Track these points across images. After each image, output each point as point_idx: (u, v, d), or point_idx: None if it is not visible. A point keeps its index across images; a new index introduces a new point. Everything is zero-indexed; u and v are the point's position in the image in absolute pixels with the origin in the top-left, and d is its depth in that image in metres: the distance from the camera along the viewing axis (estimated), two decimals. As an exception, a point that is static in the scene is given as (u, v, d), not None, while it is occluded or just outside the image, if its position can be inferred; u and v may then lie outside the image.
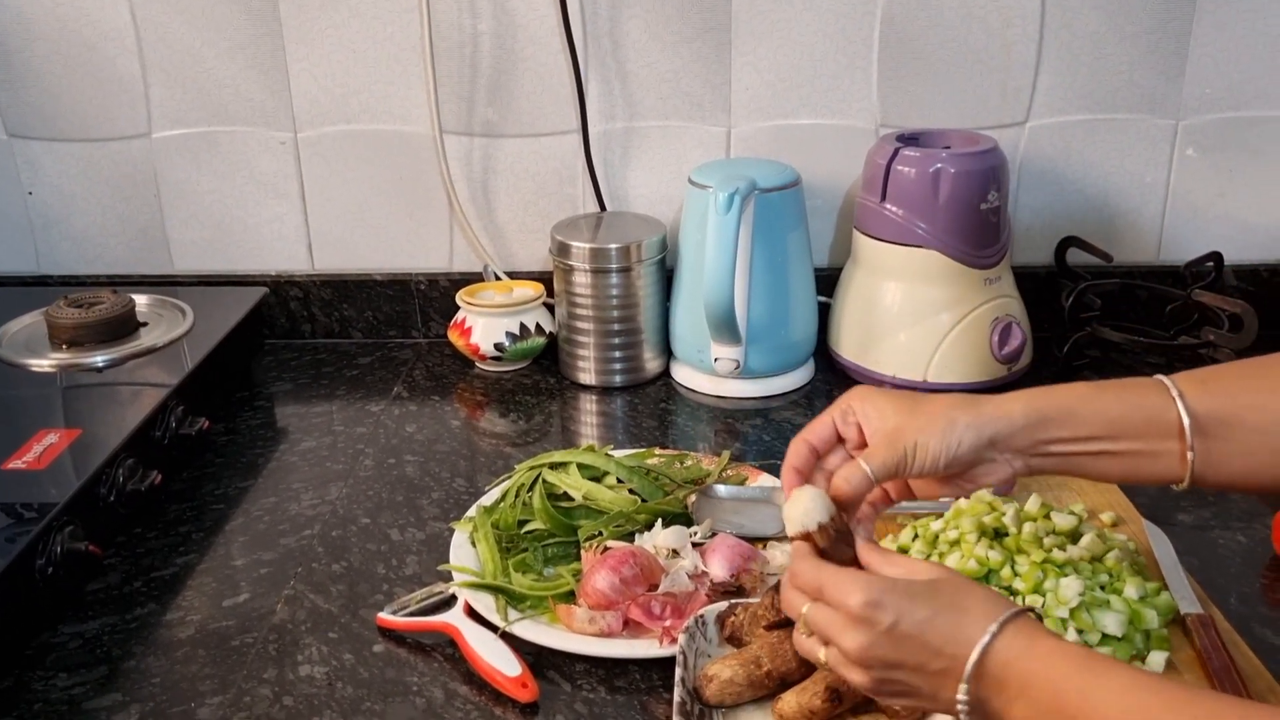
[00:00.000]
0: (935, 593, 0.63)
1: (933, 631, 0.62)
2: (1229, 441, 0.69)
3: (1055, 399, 0.71)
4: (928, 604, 0.62)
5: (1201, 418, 0.69)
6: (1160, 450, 0.70)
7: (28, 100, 1.33)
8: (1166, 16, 1.24)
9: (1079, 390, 0.72)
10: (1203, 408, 0.69)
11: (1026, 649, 0.60)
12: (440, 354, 1.36)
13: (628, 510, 0.94)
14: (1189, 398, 0.69)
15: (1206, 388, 0.70)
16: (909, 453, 0.69)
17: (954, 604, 0.62)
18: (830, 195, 1.33)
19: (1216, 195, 1.32)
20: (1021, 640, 0.60)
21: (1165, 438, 0.69)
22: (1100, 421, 0.70)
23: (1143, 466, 0.70)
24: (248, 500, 1.04)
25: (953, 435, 0.69)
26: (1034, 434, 0.70)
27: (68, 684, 0.81)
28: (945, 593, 0.63)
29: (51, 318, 1.18)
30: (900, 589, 0.63)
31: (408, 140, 1.33)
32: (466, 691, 0.80)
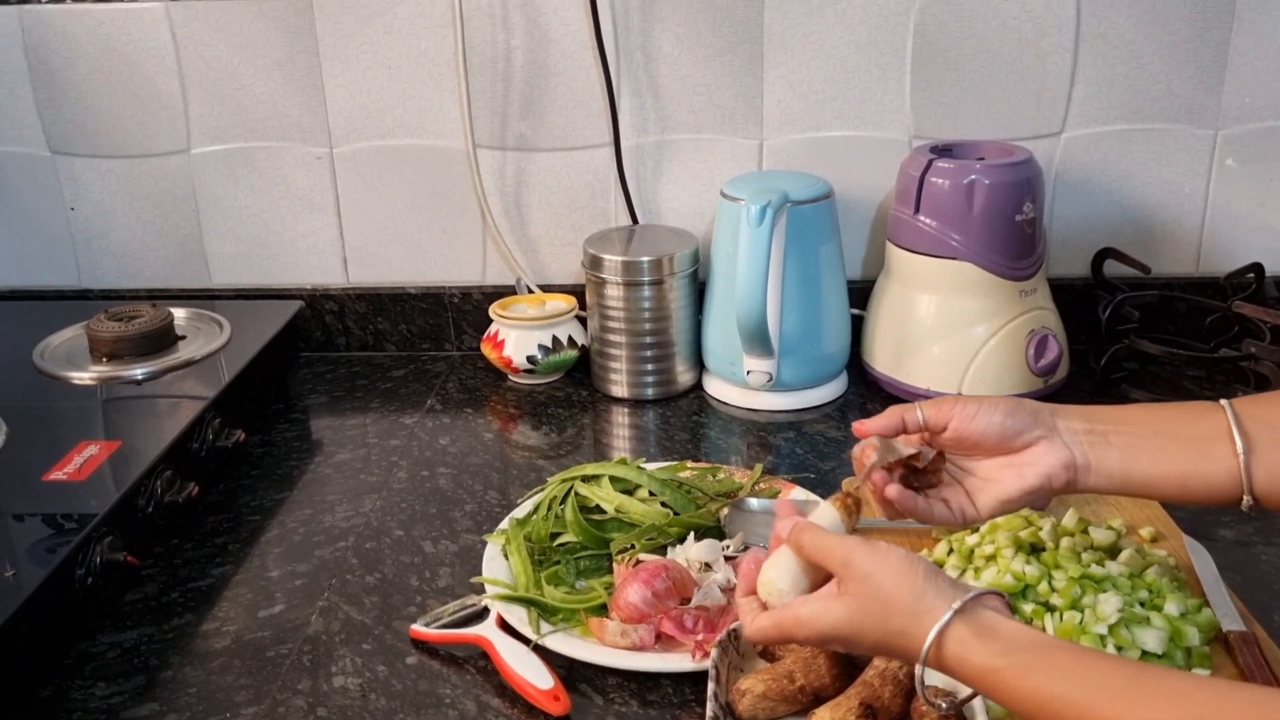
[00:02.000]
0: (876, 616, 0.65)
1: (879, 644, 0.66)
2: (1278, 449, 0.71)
3: (1106, 406, 0.77)
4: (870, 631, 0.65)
5: (1249, 421, 0.72)
6: (1212, 453, 0.72)
7: (70, 118, 1.35)
8: (1205, 25, 1.23)
9: (1130, 405, 0.77)
10: (1252, 415, 0.72)
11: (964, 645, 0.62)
12: (473, 367, 1.37)
13: (660, 523, 0.93)
14: (1238, 407, 0.72)
15: (1256, 400, 0.73)
16: (966, 402, 0.75)
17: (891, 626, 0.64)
18: (863, 207, 1.33)
19: (1257, 205, 1.30)
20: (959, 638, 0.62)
21: (1214, 439, 0.72)
22: (1150, 421, 0.74)
23: (1200, 467, 0.72)
24: (283, 512, 1.05)
25: (1009, 400, 0.75)
26: (1091, 421, 0.75)
27: (106, 693, 0.82)
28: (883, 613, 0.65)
29: (92, 331, 1.19)
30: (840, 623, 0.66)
31: (441, 155, 1.34)
32: (499, 704, 0.80)
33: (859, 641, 0.66)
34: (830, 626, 0.66)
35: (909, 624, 0.63)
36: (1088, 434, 0.74)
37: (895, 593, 0.64)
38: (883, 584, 0.65)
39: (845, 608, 0.66)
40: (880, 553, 0.66)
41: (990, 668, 0.60)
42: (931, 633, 0.62)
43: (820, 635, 0.67)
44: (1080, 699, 0.56)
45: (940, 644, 0.62)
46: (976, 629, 0.62)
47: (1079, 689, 0.57)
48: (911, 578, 0.64)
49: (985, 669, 0.61)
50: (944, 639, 0.62)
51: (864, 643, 0.66)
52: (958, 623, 0.62)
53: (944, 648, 0.62)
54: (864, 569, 0.66)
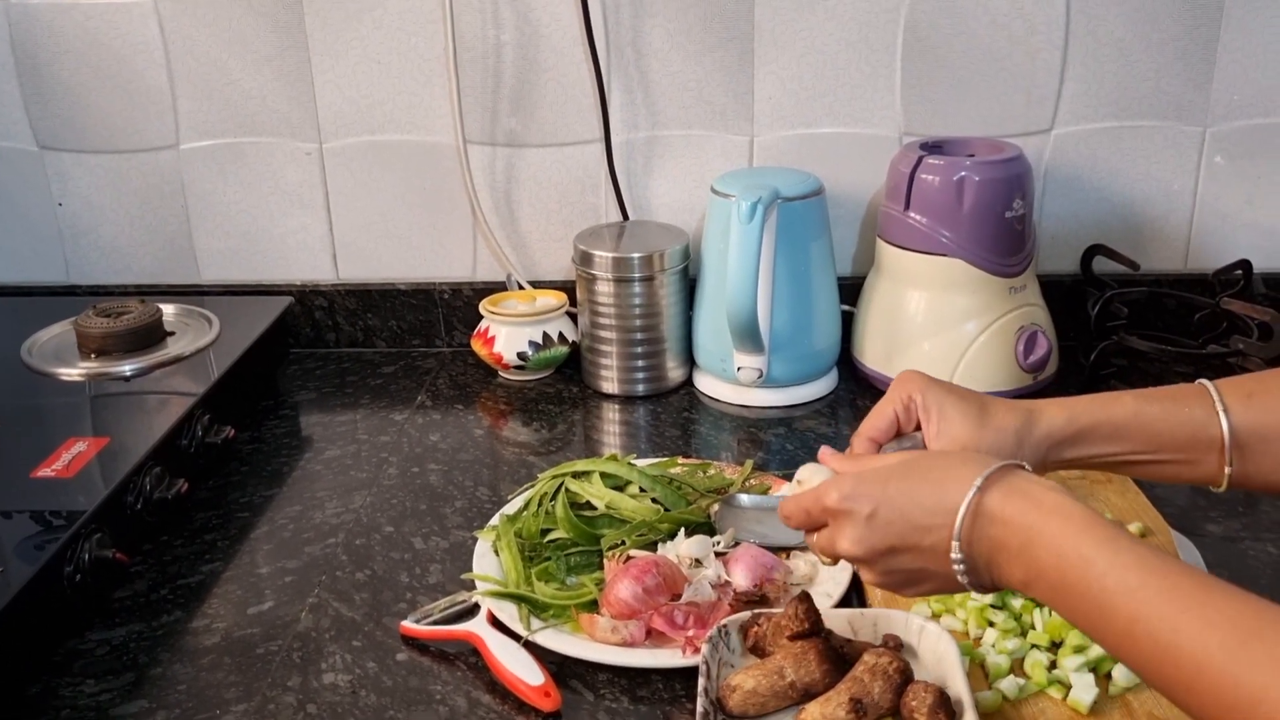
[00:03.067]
0: (908, 470, 0.63)
1: (914, 506, 0.62)
2: (1266, 456, 0.69)
3: (1106, 414, 0.72)
4: (901, 480, 0.63)
5: (1243, 434, 0.70)
6: (1200, 461, 0.71)
7: (57, 113, 1.34)
8: (1193, 23, 1.23)
9: (1129, 405, 0.72)
10: (1245, 423, 0.70)
11: (1023, 502, 0.59)
12: (463, 363, 1.36)
13: (650, 519, 0.93)
14: (1233, 413, 0.70)
15: (1252, 401, 0.70)
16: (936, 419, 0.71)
17: (929, 475, 0.62)
18: (853, 204, 1.33)
19: (1245, 202, 1.31)
20: (1016, 495, 0.59)
21: (1207, 451, 0.70)
22: (1145, 437, 0.71)
23: (1182, 474, 0.72)
24: (273, 508, 1.05)
25: (1023, 451, 0.70)
26: (1084, 449, 0.72)
27: (95, 690, 0.82)
28: (919, 467, 0.63)
29: (80, 327, 1.19)
30: (869, 476, 0.64)
31: (431, 150, 1.34)
32: (489, 700, 0.80)
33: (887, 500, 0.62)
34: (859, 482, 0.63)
35: (962, 468, 0.61)
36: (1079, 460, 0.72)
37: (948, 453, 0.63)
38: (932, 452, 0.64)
39: (879, 468, 0.64)
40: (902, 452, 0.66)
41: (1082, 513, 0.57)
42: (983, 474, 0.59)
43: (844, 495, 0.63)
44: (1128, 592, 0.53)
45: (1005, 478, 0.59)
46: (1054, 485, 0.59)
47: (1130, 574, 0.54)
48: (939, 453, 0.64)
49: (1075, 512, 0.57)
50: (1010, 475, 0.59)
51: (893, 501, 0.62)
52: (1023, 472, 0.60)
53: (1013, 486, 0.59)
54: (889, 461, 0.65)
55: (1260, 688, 0.48)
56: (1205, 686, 0.50)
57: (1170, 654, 0.52)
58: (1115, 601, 0.54)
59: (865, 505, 0.63)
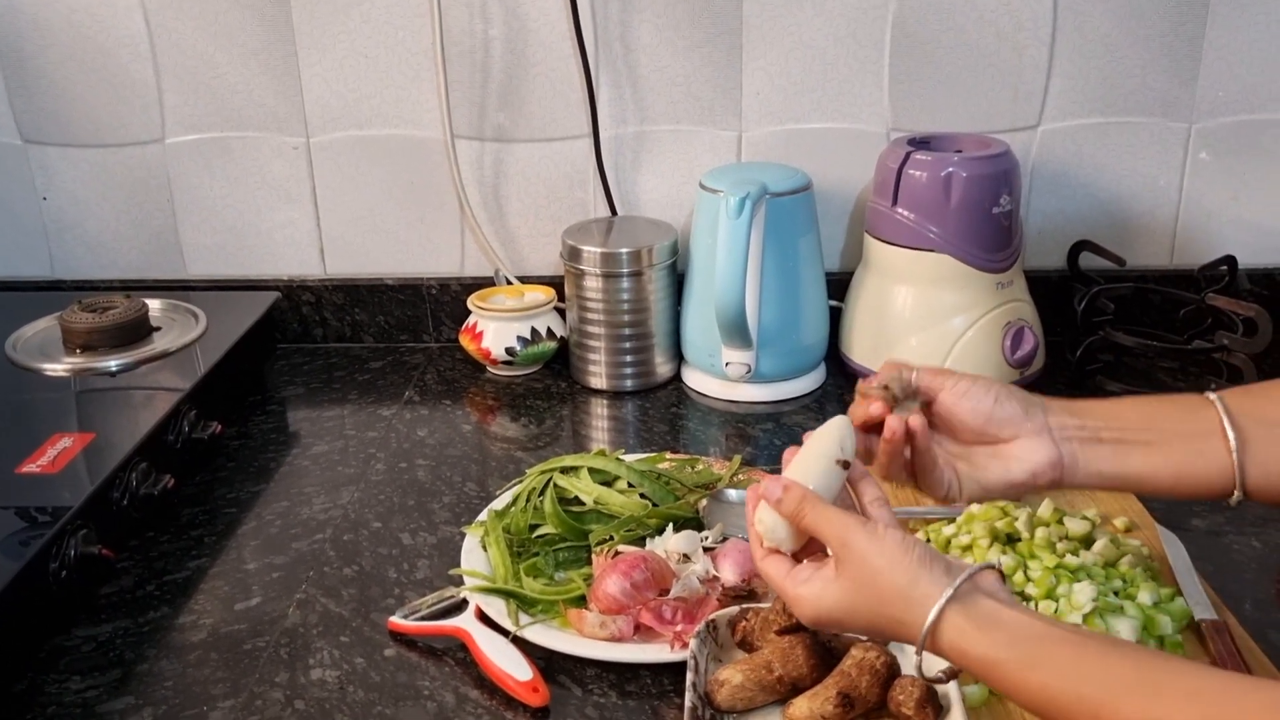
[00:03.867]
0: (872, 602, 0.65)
1: (876, 630, 0.66)
2: (1273, 444, 0.69)
3: (1095, 400, 0.75)
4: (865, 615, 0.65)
5: (1240, 417, 0.70)
6: (1204, 449, 0.70)
7: (42, 106, 1.33)
8: (1179, 19, 1.24)
9: (1118, 398, 0.75)
10: (1242, 408, 0.70)
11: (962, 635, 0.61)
12: (451, 358, 1.36)
13: (639, 515, 0.93)
14: (1228, 400, 0.71)
15: (1247, 394, 0.72)
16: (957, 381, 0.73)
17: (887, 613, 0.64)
18: (841, 199, 1.33)
19: (1230, 199, 1.31)
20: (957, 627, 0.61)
21: (1207, 436, 0.70)
22: (1140, 416, 0.72)
23: (1193, 464, 0.70)
24: (260, 504, 1.05)
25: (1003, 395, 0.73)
26: (1081, 417, 0.73)
27: (81, 687, 0.81)
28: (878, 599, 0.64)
29: (65, 322, 1.18)
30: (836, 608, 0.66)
31: (419, 145, 1.33)
32: (477, 696, 0.80)
33: (853, 625, 0.66)
34: (827, 610, 0.66)
35: (904, 611, 0.62)
36: (1079, 430, 0.72)
37: (890, 577, 0.63)
38: (879, 568, 0.64)
39: (840, 591, 0.65)
40: (877, 536, 0.65)
41: (991, 660, 0.59)
42: (927, 621, 0.61)
43: (816, 617, 0.66)
44: (1090, 695, 0.55)
45: (936, 633, 0.61)
46: (974, 618, 0.60)
47: (1087, 685, 0.55)
48: (905, 562, 0.63)
49: (986, 660, 0.60)
50: (940, 628, 0.61)
51: (858, 626, 0.66)
52: (953, 611, 0.61)
53: (941, 637, 0.61)
54: (860, 550, 0.65)
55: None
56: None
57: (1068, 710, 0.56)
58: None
59: (834, 627, 0.68)
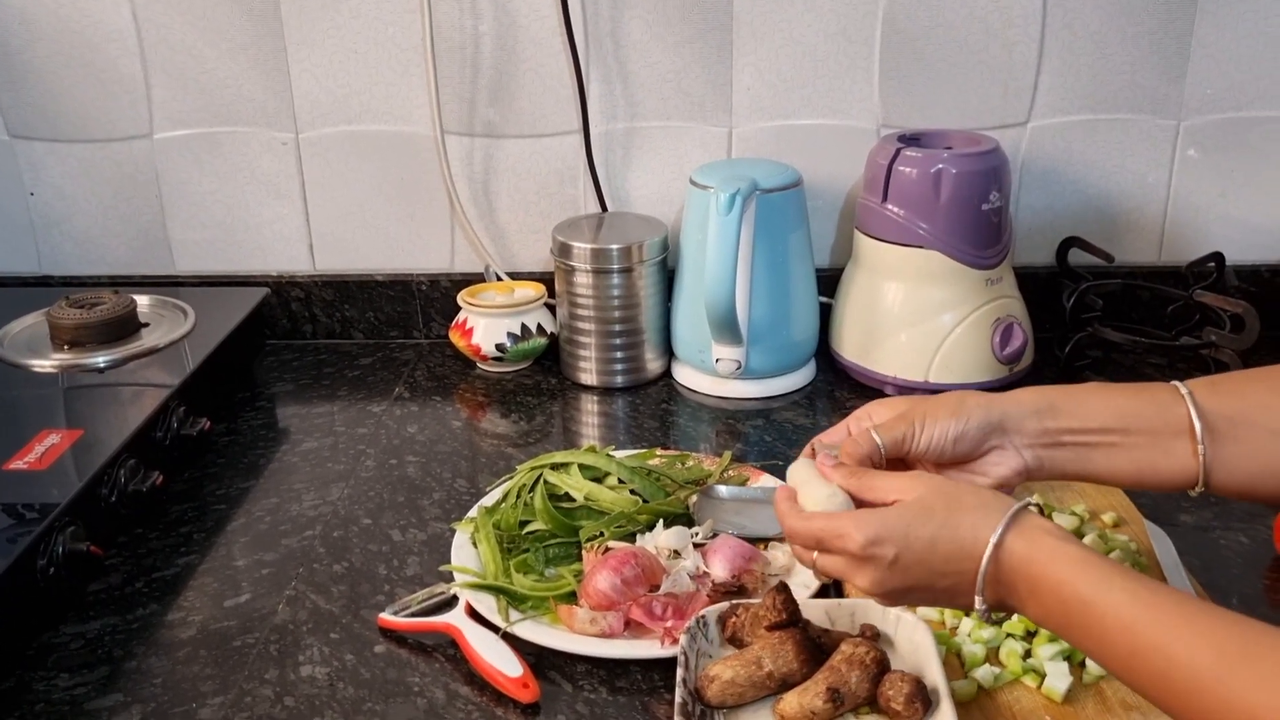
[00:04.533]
0: (929, 515, 0.64)
1: (935, 555, 0.64)
2: (1239, 442, 0.69)
3: (1066, 390, 0.74)
4: (924, 527, 0.64)
5: (1210, 415, 0.69)
6: (1171, 448, 0.70)
7: (29, 101, 1.33)
8: (1168, 17, 1.24)
9: (1090, 385, 0.74)
10: (1212, 405, 0.70)
11: (1027, 554, 0.61)
12: (441, 354, 1.36)
13: (629, 511, 0.94)
14: (1198, 396, 0.70)
15: (1216, 388, 0.71)
16: (917, 425, 0.72)
17: (949, 521, 0.64)
18: (832, 196, 1.33)
19: (1218, 195, 1.32)
20: (1022, 544, 0.62)
21: (1176, 435, 0.70)
22: (1111, 413, 0.71)
23: (1156, 463, 0.70)
24: (249, 501, 1.05)
25: (962, 411, 0.71)
26: (1044, 421, 0.72)
27: (69, 684, 0.81)
28: (939, 512, 0.64)
29: (53, 318, 1.18)
30: (893, 520, 0.65)
31: (409, 141, 1.33)
32: (468, 692, 0.80)
33: (914, 546, 0.63)
34: (889, 524, 0.64)
35: (977, 515, 0.63)
36: (1042, 436, 0.72)
37: (963, 487, 0.64)
38: (944, 486, 0.65)
39: (906, 509, 0.65)
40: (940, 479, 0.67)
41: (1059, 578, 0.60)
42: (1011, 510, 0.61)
43: (875, 533, 0.64)
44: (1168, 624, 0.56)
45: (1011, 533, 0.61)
46: (1051, 530, 0.61)
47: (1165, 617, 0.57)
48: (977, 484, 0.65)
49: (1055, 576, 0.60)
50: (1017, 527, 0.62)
51: (918, 547, 0.63)
52: (1028, 519, 0.61)
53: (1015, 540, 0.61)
54: (928, 481, 0.66)
55: (1250, 706, 0.52)
56: (1201, 708, 0.54)
57: (1166, 681, 0.56)
58: (1113, 637, 0.58)
59: (889, 550, 0.64)
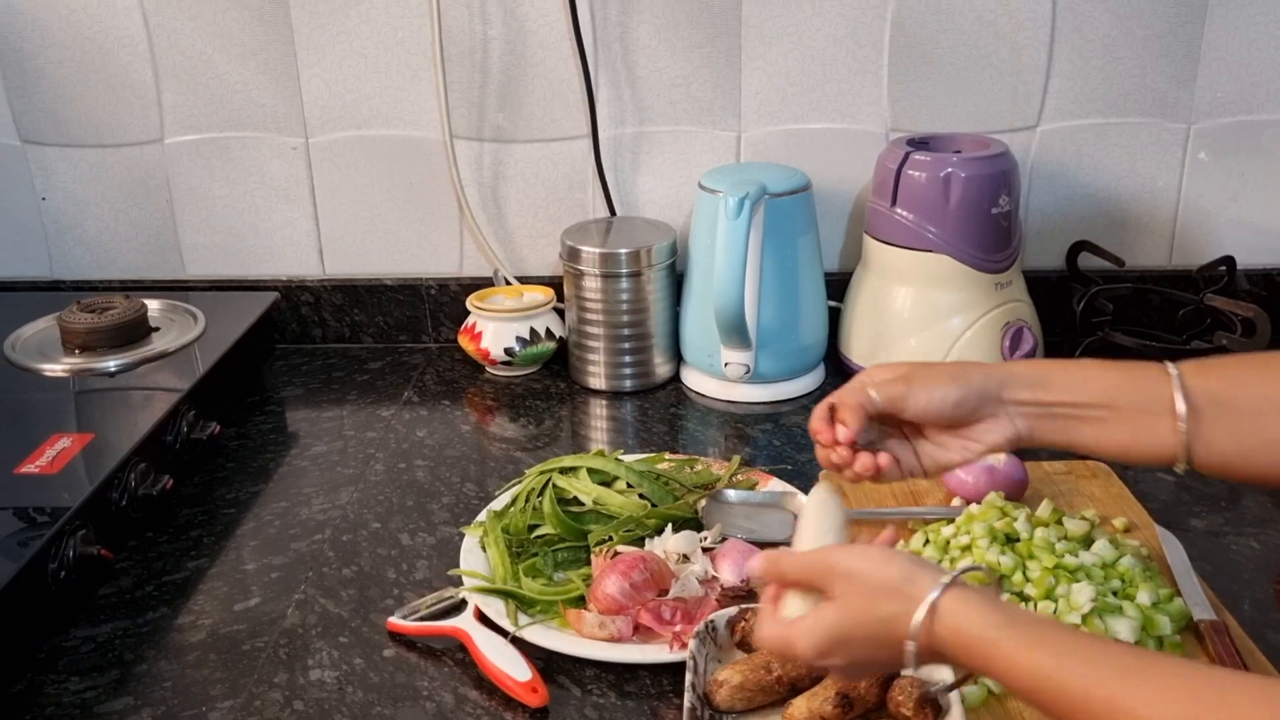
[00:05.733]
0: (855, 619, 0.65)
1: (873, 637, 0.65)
2: (1220, 423, 0.71)
3: (1060, 364, 0.76)
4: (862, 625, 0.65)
5: (1195, 395, 0.71)
6: (1155, 425, 0.71)
7: (41, 106, 1.33)
8: (1178, 20, 1.24)
9: (1084, 361, 0.76)
10: (1198, 386, 0.71)
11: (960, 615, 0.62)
12: (450, 359, 1.36)
13: (638, 515, 0.93)
14: (1186, 376, 0.72)
15: (1205, 371, 0.72)
16: (918, 386, 0.75)
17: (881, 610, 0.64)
18: (841, 200, 1.33)
19: (1229, 199, 1.31)
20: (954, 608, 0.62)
21: (1160, 413, 0.71)
22: (1100, 389, 0.73)
23: (1139, 439, 0.72)
24: (259, 505, 1.05)
25: (962, 377, 0.74)
26: (1037, 392, 0.74)
27: (79, 687, 0.81)
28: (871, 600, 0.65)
29: (64, 322, 1.18)
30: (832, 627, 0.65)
31: (418, 146, 1.33)
32: (477, 696, 0.80)
33: (851, 638, 0.65)
34: (825, 632, 0.65)
35: (899, 605, 0.63)
36: (1035, 408, 0.75)
37: (882, 578, 0.64)
38: (869, 573, 0.65)
39: (834, 610, 0.65)
40: (859, 550, 0.66)
41: (989, 639, 0.60)
42: (925, 602, 0.61)
43: (817, 646, 0.66)
44: (1082, 676, 0.56)
45: (934, 616, 0.62)
46: (972, 601, 0.61)
47: (1081, 666, 0.56)
48: (897, 561, 0.64)
49: (984, 639, 0.60)
50: (938, 611, 0.61)
51: (856, 638, 0.65)
52: (952, 594, 0.62)
53: (938, 620, 0.62)
54: (847, 566, 0.66)
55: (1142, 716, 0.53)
56: None
57: None
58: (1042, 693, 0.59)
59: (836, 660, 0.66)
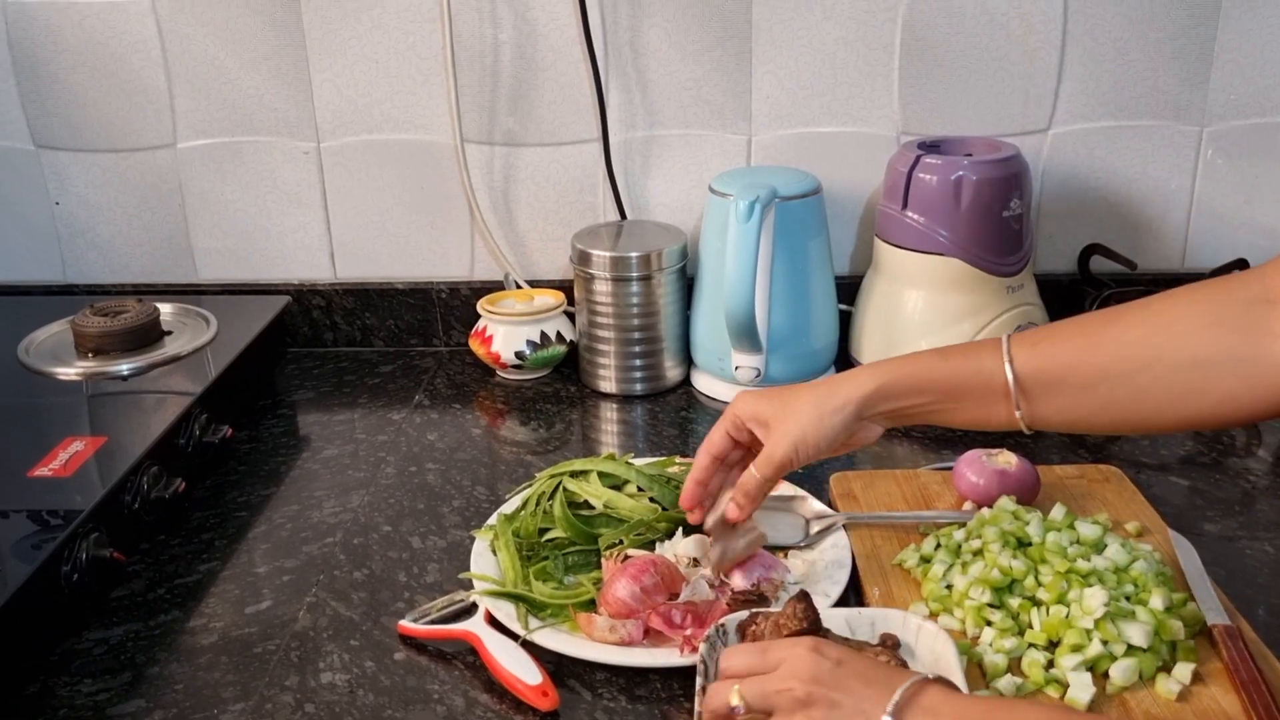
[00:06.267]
0: None
1: None
2: (1051, 399, 0.78)
3: (904, 371, 0.83)
4: None
5: (1025, 378, 0.79)
6: (994, 407, 0.80)
7: (55, 111, 1.34)
8: (1191, 22, 1.24)
9: (926, 361, 0.83)
10: (1028, 370, 0.79)
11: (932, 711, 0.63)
12: (461, 362, 1.36)
13: (648, 519, 0.93)
14: (1017, 362, 0.79)
15: (1035, 350, 0.79)
16: (798, 446, 0.82)
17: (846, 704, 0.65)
18: (851, 203, 1.33)
19: (1242, 202, 1.31)
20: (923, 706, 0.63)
21: (997, 396, 0.80)
22: (938, 386, 0.82)
23: (983, 418, 0.81)
24: (270, 508, 1.05)
25: (826, 423, 0.82)
26: (888, 404, 0.83)
27: (92, 690, 0.82)
28: None
29: (77, 326, 1.19)
30: None
31: (429, 150, 1.34)
32: (487, 700, 0.80)
33: None
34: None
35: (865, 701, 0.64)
36: (888, 413, 0.83)
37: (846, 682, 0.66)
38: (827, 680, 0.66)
39: None
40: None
41: None
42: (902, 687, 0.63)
43: None
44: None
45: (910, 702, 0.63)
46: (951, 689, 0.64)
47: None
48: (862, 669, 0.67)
49: None
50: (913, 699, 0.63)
51: None
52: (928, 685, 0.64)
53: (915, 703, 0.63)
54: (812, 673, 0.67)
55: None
56: None
57: None
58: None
59: None
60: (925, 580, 0.87)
